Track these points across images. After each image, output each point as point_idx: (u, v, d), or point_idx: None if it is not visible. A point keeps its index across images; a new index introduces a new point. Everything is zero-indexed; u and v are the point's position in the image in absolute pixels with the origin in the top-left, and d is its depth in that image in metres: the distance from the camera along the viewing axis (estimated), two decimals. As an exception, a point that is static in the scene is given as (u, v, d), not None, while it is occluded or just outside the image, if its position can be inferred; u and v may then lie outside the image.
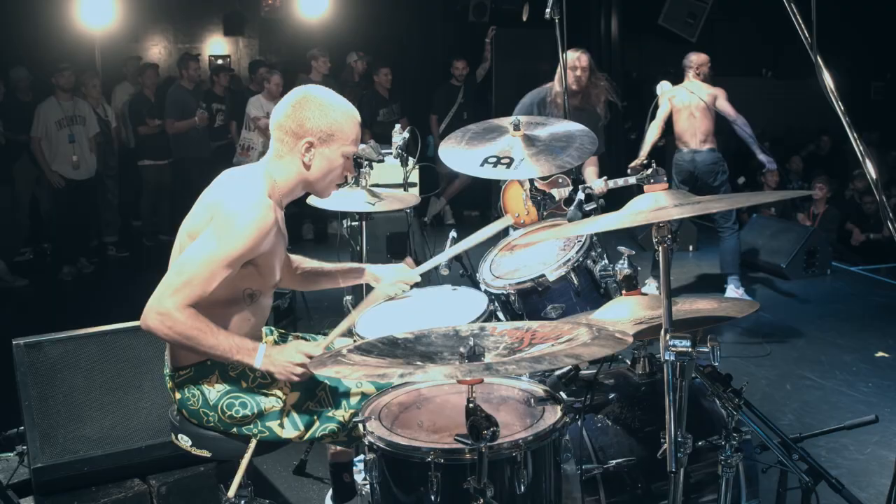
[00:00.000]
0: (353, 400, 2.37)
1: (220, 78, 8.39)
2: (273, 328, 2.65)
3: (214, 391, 2.32)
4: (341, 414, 2.37)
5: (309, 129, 2.27)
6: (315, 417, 2.36)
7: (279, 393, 2.35)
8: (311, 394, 2.37)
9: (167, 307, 2.13)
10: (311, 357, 2.22)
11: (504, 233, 3.29)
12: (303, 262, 2.81)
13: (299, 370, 2.25)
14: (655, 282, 5.37)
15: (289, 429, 2.34)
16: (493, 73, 9.42)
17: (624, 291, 2.58)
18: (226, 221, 2.16)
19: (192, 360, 2.32)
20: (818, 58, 1.71)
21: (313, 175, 2.33)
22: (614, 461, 2.29)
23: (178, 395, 2.37)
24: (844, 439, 3.70)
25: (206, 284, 2.15)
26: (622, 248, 2.70)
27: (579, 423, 2.30)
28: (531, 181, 3.52)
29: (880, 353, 5.09)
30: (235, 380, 2.33)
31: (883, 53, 10.90)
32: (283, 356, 2.26)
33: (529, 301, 2.88)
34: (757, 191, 8.97)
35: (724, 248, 6.13)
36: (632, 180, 3.78)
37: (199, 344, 2.17)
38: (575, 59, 4.85)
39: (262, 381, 2.35)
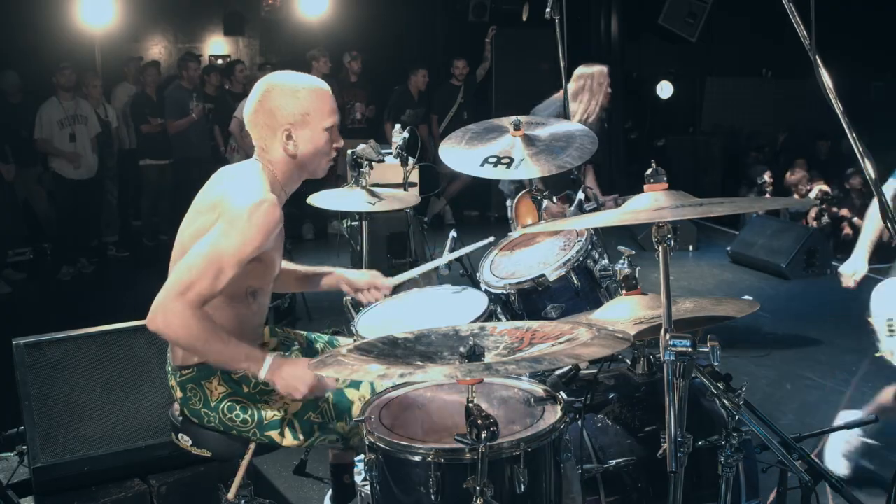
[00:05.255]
0: (356, 412, 2.34)
1: (212, 78, 8.42)
2: (277, 329, 2.64)
3: (216, 393, 2.31)
4: (342, 426, 2.35)
5: (282, 116, 2.25)
6: (315, 428, 2.34)
7: (281, 402, 2.32)
8: (314, 405, 2.34)
9: (176, 308, 2.06)
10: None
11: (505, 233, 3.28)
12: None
13: (302, 393, 2.20)
14: None
15: (289, 438, 2.33)
16: (493, 73, 9.42)
17: (624, 291, 2.58)
18: (233, 220, 2.12)
19: (195, 359, 2.31)
20: (817, 57, 1.71)
21: (302, 159, 2.29)
22: (614, 461, 2.29)
23: (179, 394, 2.36)
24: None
25: (214, 284, 2.10)
26: (622, 248, 2.69)
27: (579, 423, 2.30)
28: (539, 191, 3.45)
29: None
30: (237, 383, 2.32)
31: (883, 53, 10.89)
32: (292, 374, 2.20)
33: (529, 301, 2.88)
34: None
35: None
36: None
37: (207, 346, 2.13)
38: (607, 75, 4.73)
39: (263, 388, 2.32)
